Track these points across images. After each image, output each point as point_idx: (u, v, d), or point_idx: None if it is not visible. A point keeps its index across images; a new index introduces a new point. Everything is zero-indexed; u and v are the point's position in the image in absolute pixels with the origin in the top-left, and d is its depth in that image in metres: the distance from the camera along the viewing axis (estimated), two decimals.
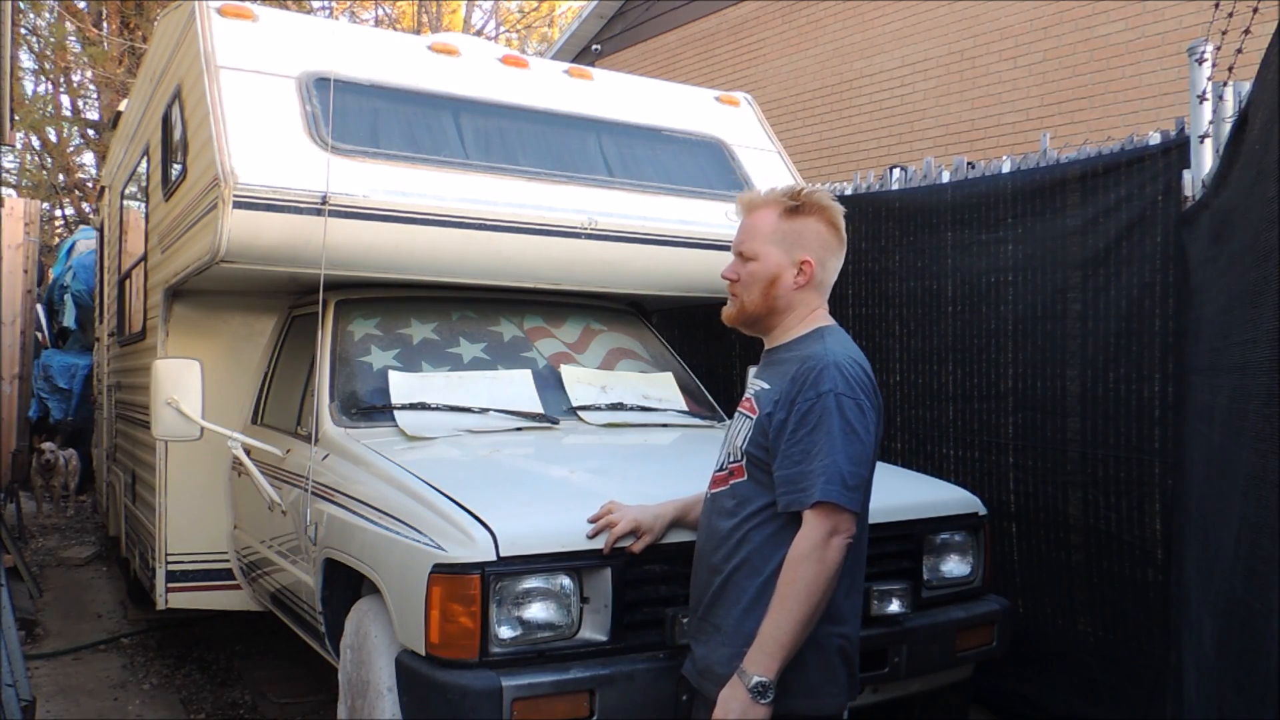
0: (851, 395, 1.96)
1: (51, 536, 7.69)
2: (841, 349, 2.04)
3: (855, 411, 1.96)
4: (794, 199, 2.11)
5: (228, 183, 3.11)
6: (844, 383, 1.97)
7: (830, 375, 1.96)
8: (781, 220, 2.11)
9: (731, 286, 2.16)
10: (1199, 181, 3.09)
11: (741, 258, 2.14)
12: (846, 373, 1.98)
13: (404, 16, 19.44)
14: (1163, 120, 4.95)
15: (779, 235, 2.10)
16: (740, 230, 2.17)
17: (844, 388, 1.96)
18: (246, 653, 4.86)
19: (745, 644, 1.96)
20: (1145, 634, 3.51)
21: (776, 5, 9.45)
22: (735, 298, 2.16)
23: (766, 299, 2.11)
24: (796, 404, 1.97)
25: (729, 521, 2.07)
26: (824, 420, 1.93)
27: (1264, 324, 1.45)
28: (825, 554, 1.90)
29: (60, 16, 16.00)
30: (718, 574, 2.06)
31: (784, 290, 2.10)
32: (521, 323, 3.93)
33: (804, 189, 2.14)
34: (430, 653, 2.35)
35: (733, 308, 2.17)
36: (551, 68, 4.50)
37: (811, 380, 1.97)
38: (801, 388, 1.97)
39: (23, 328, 8.98)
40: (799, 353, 2.06)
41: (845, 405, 1.95)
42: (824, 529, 1.90)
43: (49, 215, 16.79)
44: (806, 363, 2.00)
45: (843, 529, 1.92)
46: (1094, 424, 3.69)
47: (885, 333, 4.55)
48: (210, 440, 3.44)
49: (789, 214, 2.11)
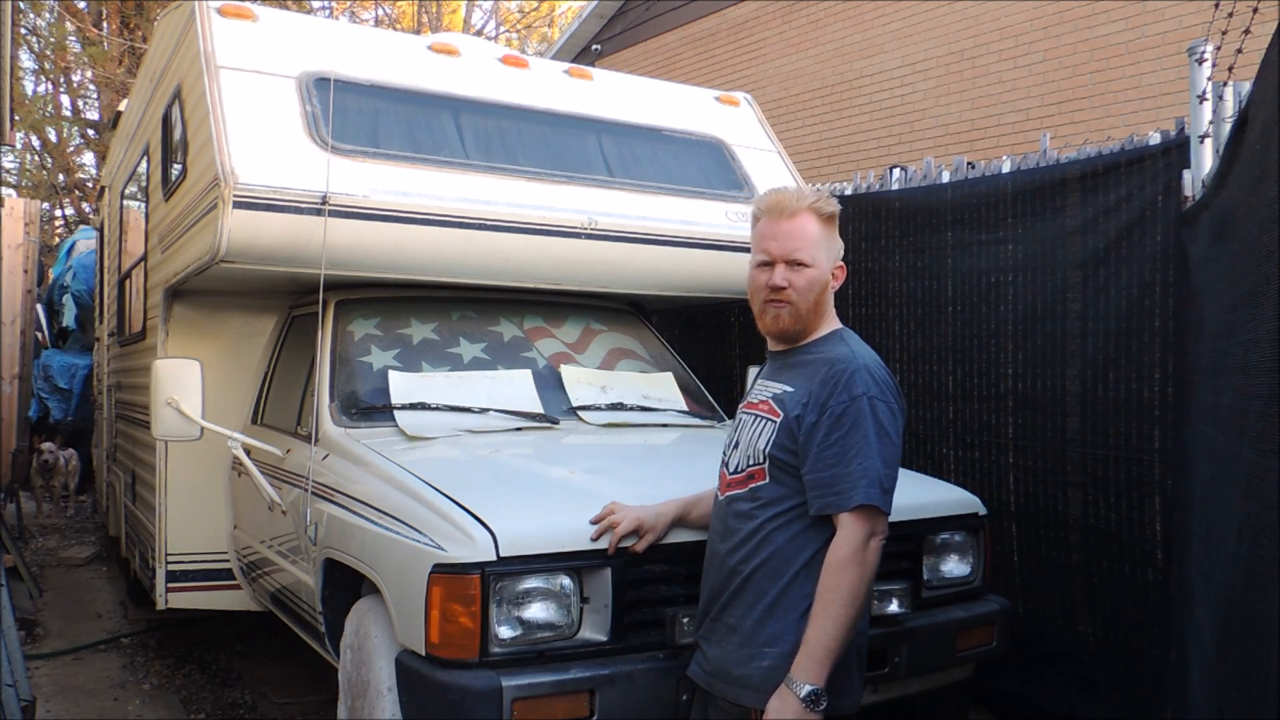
0: (884, 399, 2.00)
1: (51, 536, 7.69)
2: (866, 351, 2.09)
3: (888, 415, 2.00)
4: (829, 205, 2.13)
5: (228, 183, 3.11)
6: (876, 386, 2.00)
7: (863, 378, 2.00)
8: (823, 227, 2.13)
9: (779, 294, 2.11)
10: (1199, 181, 3.09)
11: (795, 265, 2.10)
12: (876, 376, 2.02)
13: (404, 16, 19.44)
14: (1163, 120, 4.95)
15: (823, 241, 2.13)
16: (788, 237, 2.11)
17: (876, 391, 2.00)
18: (246, 653, 4.86)
19: (764, 645, 1.97)
20: (1145, 634, 3.51)
21: (776, 5, 9.45)
22: (787, 305, 2.11)
23: (818, 306, 2.13)
24: (829, 407, 1.99)
25: (749, 524, 2.07)
26: (859, 423, 1.96)
27: (1265, 324, 1.45)
28: (866, 556, 1.94)
29: (60, 16, 16.01)
30: (737, 575, 2.07)
31: (827, 296, 2.15)
32: (521, 323, 3.93)
33: (823, 195, 2.16)
34: (430, 653, 2.35)
35: (787, 316, 2.12)
36: (551, 68, 4.50)
37: (844, 383, 1.99)
38: (834, 390, 2.00)
39: (23, 328, 8.98)
40: (823, 355, 2.08)
41: (879, 409, 1.98)
42: (864, 532, 1.94)
43: (49, 215, 16.78)
44: (835, 365, 2.03)
45: (880, 530, 1.97)
46: (1094, 424, 3.69)
47: (885, 333, 4.54)
48: (210, 440, 3.44)
49: (827, 221, 2.13)
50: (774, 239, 2.12)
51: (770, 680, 1.96)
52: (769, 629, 1.98)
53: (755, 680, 1.99)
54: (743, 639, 2.02)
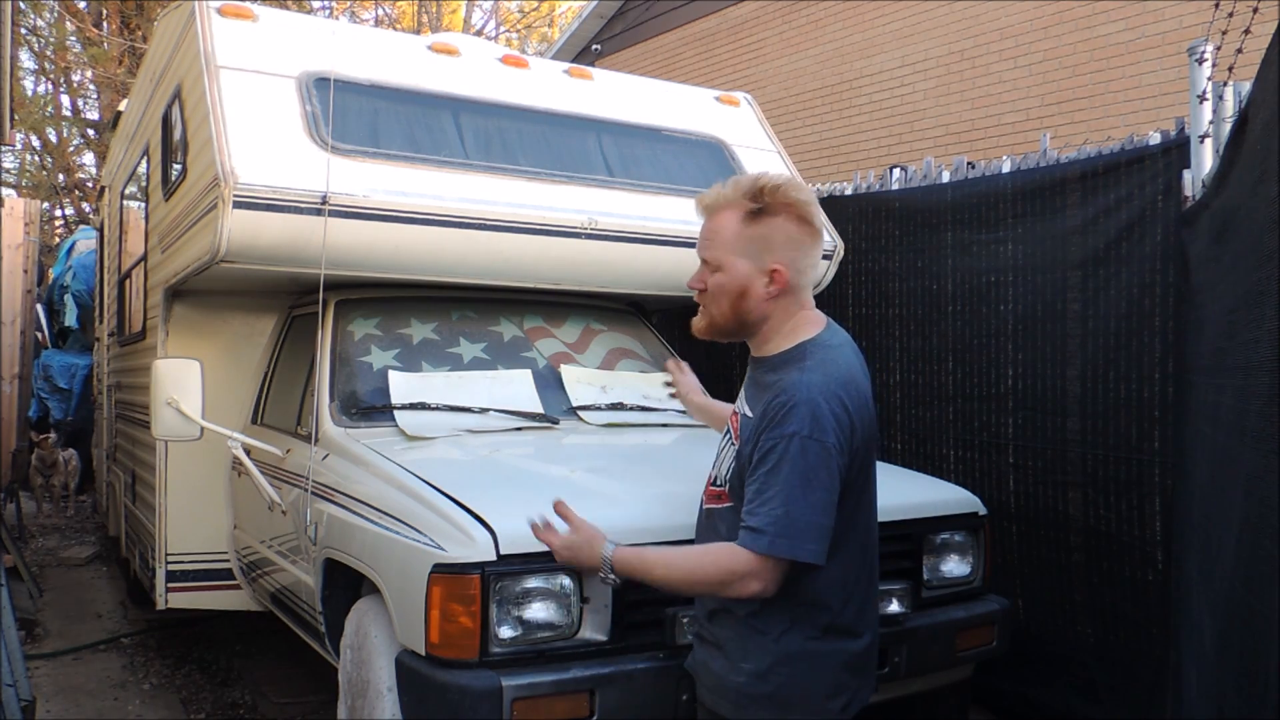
0: (817, 436, 1.78)
1: (51, 536, 7.69)
2: (821, 376, 1.84)
3: (818, 454, 1.78)
4: (755, 200, 1.90)
5: (228, 182, 3.11)
6: (811, 423, 1.78)
7: (799, 415, 1.79)
8: (745, 225, 1.90)
9: (699, 296, 1.98)
10: (1199, 181, 3.09)
11: (706, 266, 1.95)
12: (818, 410, 1.79)
13: (404, 16, 19.44)
14: (1163, 120, 4.94)
15: (744, 242, 1.90)
16: (701, 235, 1.96)
17: (809, 429, 1.78)
18: (246, 653, 4.86)
19: (741, 661, 1.93)
20: (1145, 634, 3.51)
21: (776, 5, 9.45)
22: (705, 309, 1.98)
23: (737, 312, 1.93)
24: (761, 441, 1.83)
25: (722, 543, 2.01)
26: (780, 465, 1.78)
27: (1266, 324, 1.45)
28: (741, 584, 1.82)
29: (60, 16, 16.01)
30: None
31: (756, 302, 1.91)
32: (521, 323, 3.93)
33: (767, 184, 1.90)
34: (430, 653, 2.35)
35: (702, 320, 2.00)
36: (551, 68, 4.50)
37: (780, 417, 1.81)
38: (769, 424, 1.82)
39: (23, 328, 8.97)
40: (778, 378, 1.88)
41: (809, 449, 1.77)
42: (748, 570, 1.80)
43: (49, 215, 16.79)
44: (781, 395, 1.83)
45: (763, 577, 1.80)
46: (1094, 424, 3.69)
47: (885, 333, 4.54)
48: (210, 440, 3.44)
49: (752, 218, 1.90)
50: (699, 237, 1.98)
51: (746, 693, 1.93)
52: (746, 643, 1.93)
53: (733, 691, 1.95)
54: (726, 653, 1.98)
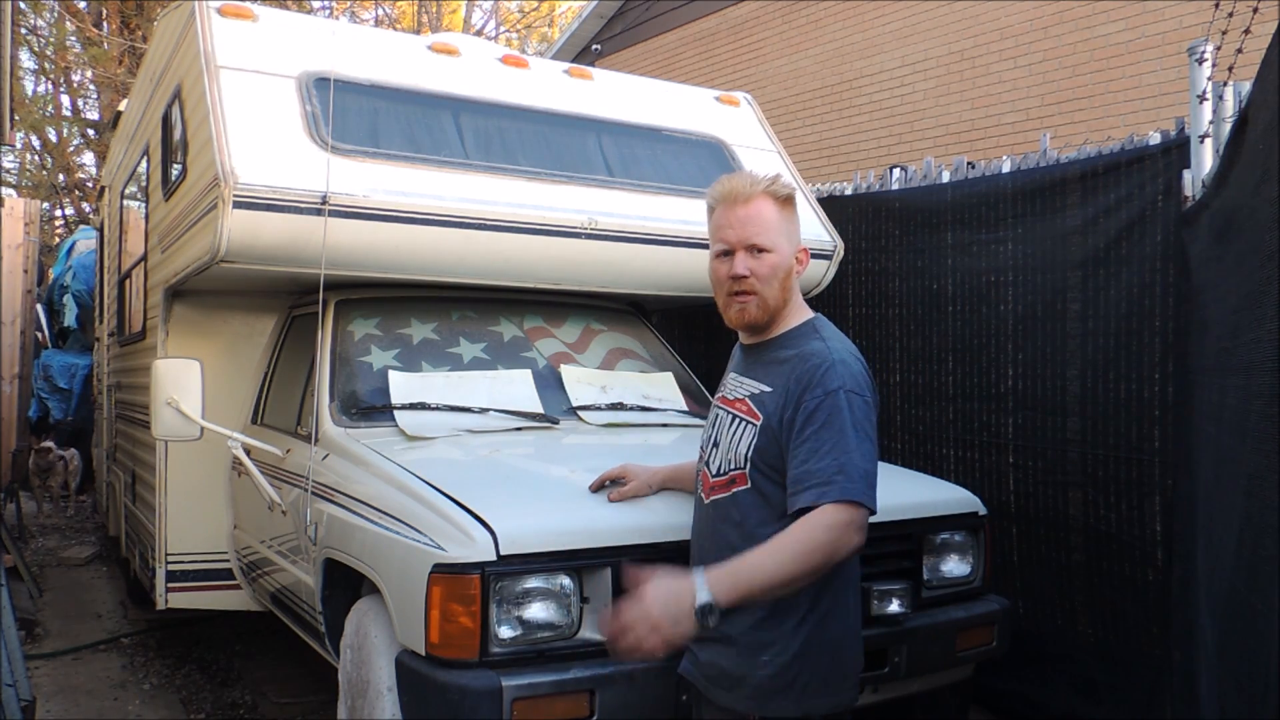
0: (859, 392, 1.94)
1: (51, 536, 7.69)
2: (840, 344, 2.02)
3: (863, 409, 1.93)
4: (784, 188, 2.05)
5: (228, 182, 3.11)
6: (851, 379, 1.94)
7: (838, 373, 1.93)
8: (780, 210, 2.05)
9: (741, 284, 2.02)
10: (1199, 181, 3.09)
11: (755, 252, 2.01)
12: (852, 369, 1.96)
13: (404, 16, 19.45)
14: (1163, 120, 4.95)
15: (782, 225, 2.04)
16: (744, 223, 2.02)
17: (852, 384, 1.93)
18: (246, 653, 4.86)
19: (761, 653, 1.93)
20: (1145, 634, 3.51)
21: (776, 5, 9.45)
22: (752, 296, 2.02)
23: (784, 293, 2.04)
24: (804, 402, 1.92)
25: (736, 531, 2.00)
26: (834, 418, 1.89)
27: (1268, 324, 1.45)
28: (846, 536, 1.83)
29: (60, 16, 16.01)
30: None
31: (793, 283, 2.06)
32: (521, 323, 3.93)
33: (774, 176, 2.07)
34: (430, 653, 2.34)
35: (754, 307, 2.03)
36: (551, 68, 4.50)
37: (819, 378, 1.93)
38: (809, 386, 1.93)
39: (23, 328, 8.97)
40: (798, 350, 2.01)
41: (854, 403, 1.91)
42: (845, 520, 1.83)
43: (49, 215, 16.80)
44: (811, 359, 1.96)
45: (859, 522, 1.85)
46: (1094, 424, 3.69)
47: (885, 333, 4.54)
48: (210, 440, 3.44)
49: (785, 203, 2.05)
50: (731, 226, 2.04)
51: (769, 686, 1.93)
52: (763, 637, 1.93)
53: (753, 686, 1.95)
54: (740, 650, 1.97)
